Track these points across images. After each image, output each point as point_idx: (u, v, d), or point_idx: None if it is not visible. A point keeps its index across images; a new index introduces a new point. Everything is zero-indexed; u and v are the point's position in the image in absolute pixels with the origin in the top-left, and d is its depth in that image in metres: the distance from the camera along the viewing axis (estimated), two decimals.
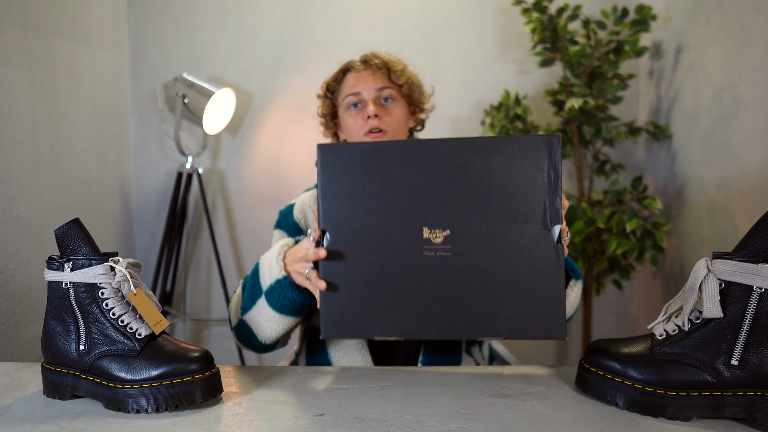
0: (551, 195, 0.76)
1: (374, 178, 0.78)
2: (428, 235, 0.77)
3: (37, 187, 1.56)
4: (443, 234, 0.77)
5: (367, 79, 1.18)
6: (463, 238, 0.77)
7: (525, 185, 0.76)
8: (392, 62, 1.20)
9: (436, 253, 0.77)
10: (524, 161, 0.76)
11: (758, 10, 1.39)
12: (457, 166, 0.76)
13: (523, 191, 0.76)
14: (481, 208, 0.76)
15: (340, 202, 0.78)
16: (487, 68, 2.11)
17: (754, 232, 0.67)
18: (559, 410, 0.72)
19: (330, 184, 0.78)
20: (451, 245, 0.77)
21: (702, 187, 1.67)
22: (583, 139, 1.91)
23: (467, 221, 0.77)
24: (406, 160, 0.77)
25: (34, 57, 1.55)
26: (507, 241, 0.76)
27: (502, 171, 0.76)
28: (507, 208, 0.76)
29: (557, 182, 0.76)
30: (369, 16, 2.11)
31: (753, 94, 1.41)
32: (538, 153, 0.76)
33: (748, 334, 0.67)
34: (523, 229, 0.76)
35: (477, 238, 0.77)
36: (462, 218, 0.77)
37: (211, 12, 2.15)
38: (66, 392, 0.77)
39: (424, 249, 0.77)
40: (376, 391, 0.79)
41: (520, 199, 0.76)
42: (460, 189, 0.77)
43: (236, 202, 2.22)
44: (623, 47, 1.77)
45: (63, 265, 0.76)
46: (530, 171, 0.76)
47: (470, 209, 0.77)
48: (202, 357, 0.74)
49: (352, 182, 0.78)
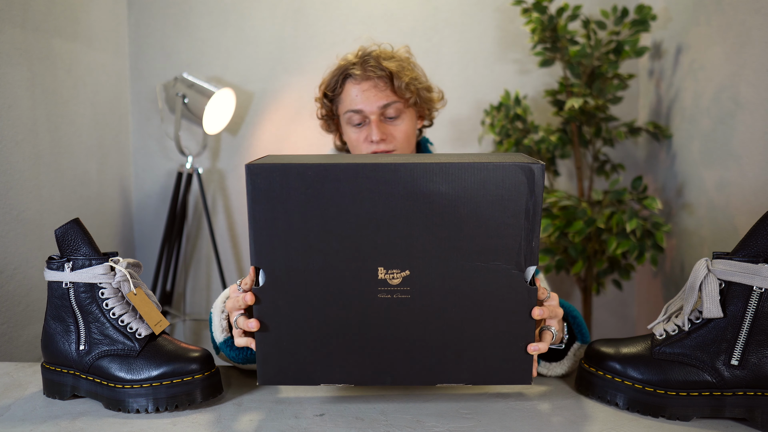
0: (528, 232, 0.66)
1: (319, 208, 0.65)
2: (384, 276, 0.67)
3: (37, 187, 1.56)
4: (401, 275, 0.66)
5: (368, 93, 1.07)
6: (424, 279, 0.67)
7: (499, 219, 0.65)
8: (397, 70, 1.07)
9: (393, 296, 0.67)
10: (500, 191, 0.64)
11: (758, 10, 1.39)
12: (421, 194, 0.64)
13: (497, 226, 0.65)
14: (447, 244, 0.66)
15: (277, 232, 0.66)
16: (487, 68, 2.11)
17: (754, 232, 0.67)
18: (559, 410, 0.72)
19: (264, 216, 0.65)
20: (410, 287, 0.67)
21: (702, 187, 1.67)
22: (583, 139, 1.91)
23: (430, 260, 0.66)
24: (358, 187, 0.64)
25: (34, 57, 1.55)
26: (474, 281, 0.67)
27: (472, 202, 0.65)
28: (476, 244, 0.66)
29: (536, 219, 0.65)
30: (369, 16, 2.11)
31: (753, 94, 1.41)
32: (517, 182, 0.64)
33: (748, 334, 0.67)
34: (494, 268, 0.67)
35: (440, 278, 0.67)
36: (424, 256, 0.66)
37: (211, 12, 2.15)
38: (66, 392, 0.77)
39: (379, 291, 0.67)
40: (376, 391, 0.79)
41: (492, 234, 0.66)
42: (423, 222, 0.65)
43: (236, 202, 2.22)
44: (623, 47, 1.77)
45: (63, 265, 0.76)
46: (506, 202, 0.65)
47: (434, 245, 0.66)
48: (202, 357, 0.74)
49: (291, 215, 0.65)
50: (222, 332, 0.83)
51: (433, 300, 0.68)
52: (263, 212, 0.65)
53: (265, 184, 0.65)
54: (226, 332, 0.83)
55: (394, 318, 0.68)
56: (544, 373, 0.87)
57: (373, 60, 1.08)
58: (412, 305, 0.68)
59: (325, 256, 0.66)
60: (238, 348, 0.83)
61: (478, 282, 0.67)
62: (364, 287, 0.67)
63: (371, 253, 0.66)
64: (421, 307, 0.68)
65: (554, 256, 1.83)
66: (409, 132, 1.12)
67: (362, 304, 0.68)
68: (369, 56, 1.09)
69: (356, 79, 1.09)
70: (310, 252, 0.66)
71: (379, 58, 1.09)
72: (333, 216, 0.65)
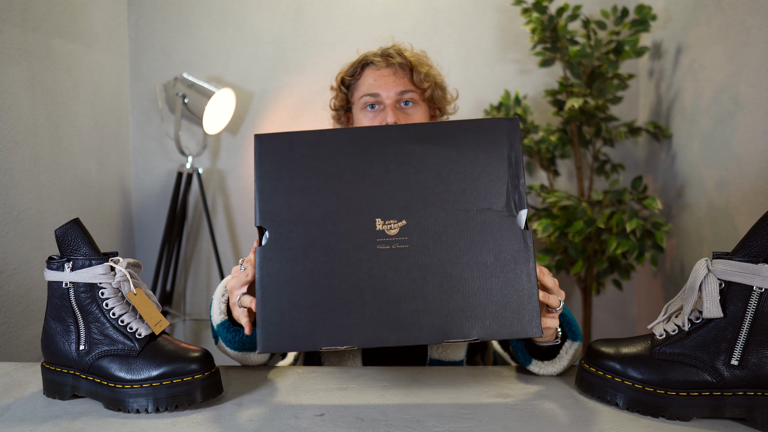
0: (514, 179, 0.71)
1: (319, 167, 0.71)
2: (382, 227, 0.70)
3: (37, 187, 1.56)
4: (398, 225, 0.70)
5: (387, 79, 1.09)
6: (421, 229, 0.70)
7: (484, 171, 0.71)
8: (416, 62, 1.10)
9: (392, 246, 0.70)
10: (482, 146, 0.71)
11: (758, 10, 1.39)
12: (411, 153, 0.71)
13: (483, 177, 0.71)
14: (439, 196, 0.70)
15: (280, 194, 0.71)
16: (487, 68, 2.11)
17: (754, 232, 0.67)
18: (559, 410, 0.72)
19: (269, 176, 0.71)
20: (408, 237, 0.70)
21: (702, 187, 1.67)
22: (583, 139, 1.91)
23: (425, 211, 0.70)
24: (354, 148, 0.71)
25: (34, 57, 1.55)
26: (469, 230, 0.70)
27: (459, 157, 0.71)
28: (467, 195, 0.70)
29: (518, 166, 0.71)
30: (369, 16, 2.11)
31: (753, 94, 1.41)
32: (497, 137, 0.71)
33: (748, 334, 0.67)
34: (486, 216, 0.70)
35: (436, 228, 0.70)
36: (419, 207, 0.70)
37: (211, 12, 2.15)
38: (66, 392, 0.77)
39: (378, 242, 0.70)
40: (376, 391, 0.79)
41: (480, 186, 0.71)
42: (414, 177, 0.70)
43: (236, 202, 2.22)
44: (623, 47, 1.77)
45: (63, 265, 0.76)
46: (489, 156, 0.71)
47: (427, 198, 0.70)
48: (202, 357, 0.74)
49: (294, 173, 0.71)
50: (220, 314, 0.87)
51: (431, 248, 0.70)
52: (268, 171, 0.71)
53: (272, 148, 0.71)
54: (224, 315, 0.86)
55: (394, 269, 0.69)
56: (536, 371, 0.87)
57: (394, 50, 1.11)
58: (411, 255, 0.70)
59: (325, 210, 0.71)
60: (234, 331, 0.86)
61: (473, 228, 0.70)
62: (363, 238, 0.70)
63: (368, 206, 0.70)
64: (420, 257, 0.70)
65: (554, 256, 1.83)
66: None
67: (362, 256, 0.70)
68: (390, 48, 1.12)
69: (376, 66, 1.11)
70: (311, 206, 0.71)
71: (400, 49, 1.12)
72: (332, 174, 0.71)
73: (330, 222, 0.70)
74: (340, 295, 0.69)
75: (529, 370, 0.88)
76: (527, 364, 0.88)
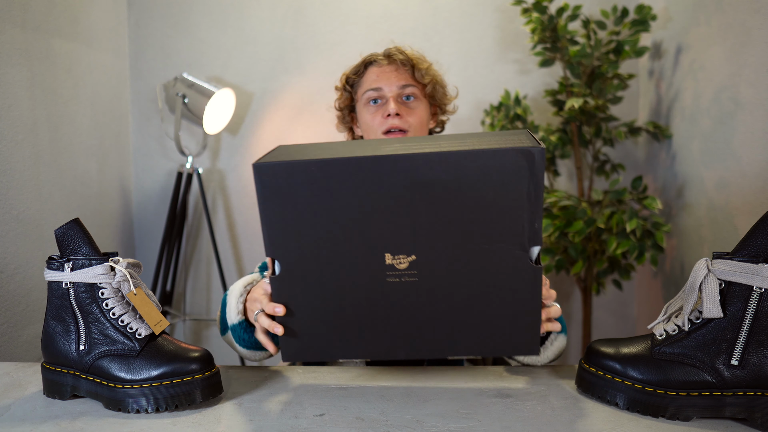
0: (531, 214, 0.66)
1: (324, 201, 0.67)
2: (391, 261, 0.69)
3: (37, 187, 1.56)
4: (408, 260, 0.69)
5: (390, 74, 1.13)
6: (430, 263, 0.69)
7: (501, 202, 0.66)
8: (417, 59, 1.15)
9: (401, 279, 0.70)
10: (501, 176, 0.65)
11: (758, 10, 1.39)
12: (422, 183, 0.66)
13: (499, 209, 0.66)
14: (451, 229, 0.67)
15: (288, 225, 0.69)
16: (487, 68, 2.11)
17: (754, 232, 0.67)
18: (559, 410, 0.72)
19: (273, 208, 0.68)
20: (417, 270, 0.69)
21: (702, 187, 1.67)
22: (583, 139, 1.91)
23: (435, 244, 0.68)
24: (361, 180, 0.66)
25: (34, 57, 1.55)
26: (480, 263, 0.69)
27: (474, 187, 0.65)
28: (480, 227, 0.67)
29: (539, 200, 0.65)
30: (369, 16, 2.11)
31: (753, 94, 1.41)
32: (518, 167, 0.64)
33: (748, 334, 0.67)
34: (498, 249, 0.68)
35: (446, 261, 0.69)
36: (429, 241, 0.68)
37: (211, 12, 2.15)
38: (66, 392, 0.77)
39: (388, 276, 0.70)
40: (376, 391, 0.79)
41: (495, 217, 0.67)
42: (425, 209, 0.66)
43: (236, 202, 2.22)
44: (623, 47, 1.77)
45: (63, 265, 0.76)
46: (507, 186, 0.65)
47: (438, 231, 0.67)
48: (202, 357, 0.74)
49: (300, 206, 0.68)
50: (237, 314, 0.91)
51: (440, 282, 0.70)
52: (273, 208, 0.69)
53: (273, 182, 0.68)
54: (242, 315, 0.90)
55: (403, 299, 0.71)
56: (520, 359, 0.95)
57: (395, 49, 1.16)
58: (420, 287, 0.70)
59: (334, 245, 0.70)
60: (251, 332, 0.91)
61: (483, 263, 0.69)
62: (373, 272, 0.70)
63: (377, 241, 0.69)
64: (429, 288, 0.71)
65: (554, 256, 1.83)
66: (423, 120, 1.16)
67: (372, 288, 0.71)
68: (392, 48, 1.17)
69: (379, 63, 1.16)
70: (320, 242, 0.70)
71: (402, 48, 1.17)
72: (338, 207, 0.68)
73: (340, 256, 0.70)
74: (352, 319, 0.73)
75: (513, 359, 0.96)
76: None
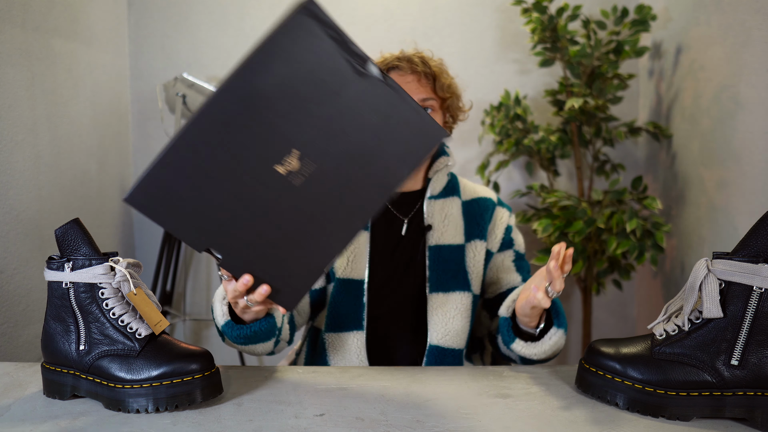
0: (344, 47, 0.69)
1: (198, 175, 0.71)
2: (284, 170, 0.72)
3: (37, 187, 1.56)
4: (296, 160, 0.72)
5: (411, 85, 1.12)
6: (313, 153, 0.72)
7: (319, 62, 0.69)
8: (439, 73, 1.15)
9: (305, 176, 0.73)
10: (301, 43, 0.69)
11: (758, 10, 1.39)
12: (256, 94, 0.69)
13: (322, 66, 0.69)
14: (306, 111, 0.71)
15: (190, 220, 0.72)
16: (487, 68, 2.11)
17: (754, 232, 0.67)
18: (559, 410, 0.72)
19: (167, 217, 0.72)
20: (306, 164, 0.72)
21: (702, 187, 1.67)
22: (583, 139, 1.91)
23: (305, 134, 0.72)
24: (218, 122, 0.70)
25: (34, 57, 1.55)
26: (342, 107, 0.71)
27: (290, 68, 0.69)
28: (321, 88, 0.70)
29: (342, 36, 0.69)
30: (369, 16, 2.11)
31: (753, 94, 1.41)
32: (308, 27, 0.68)
33: (748, 334, 0.67)
34: (347, 89, 0.71)
35: (317, 133, 0.72)
36: (303, 135, 0.72)
37: (211, 12, 2.15)
38: (66, 392, 0.77)
39: (292, 181, 0.73)
40: (376, 391, 0.79)
41: (324, 75, 0.70)
42: (281, 112, 0.71)
43: None
44: (623, 47, 1.77)
45: (63, 265, 0.76)
46: (312, 47, 0.69)
47: (303, 121, 0.71)
48: (202, 357, 0.74)
49: (184, 196, 0.71)
50: (223, 316, 0.93)
51: (326, 151, 0.73)
52: (167, 217, 0.72)
53: (148, 200, 0.70)
54: (227, 316, 0.92)
55: (315, 192, 0.73)
56: (518, 350, 0.95)
57: (419, 59, 1.14)
58: (318, 175, 0.73)
59: (233, 202, 0.72)
60: (239, 328, 0.91)
61: (345, 105, 0.71)
62: (278, 188, 0.72)
63: (261, 166, 0.71)
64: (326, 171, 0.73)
65: None
66: None
67: (285, 197, 0.73)
68: (414, 55, 1.15)
69: (402, 70, 1.13)
70: (224, 207, 0.72)
71: (425, 58, 1.15)
72: (214, 168, 0.71)
73: (246, 202, 0.72)
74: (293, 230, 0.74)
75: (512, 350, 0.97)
76: (510, 342, 0.96)
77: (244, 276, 0.76)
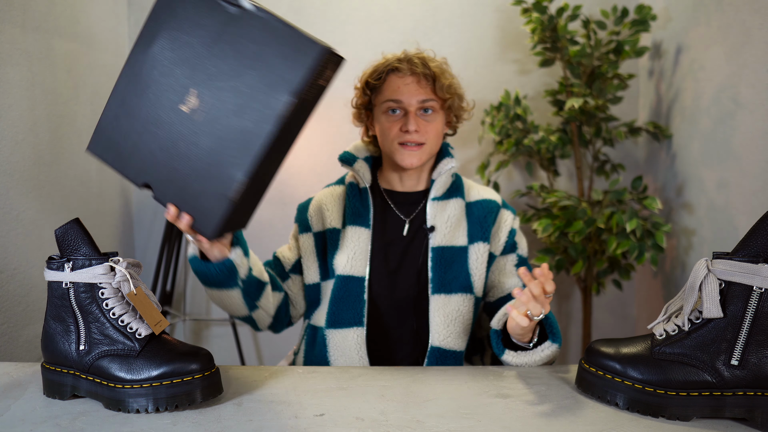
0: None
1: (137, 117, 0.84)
2: (187, 109, 0.82)
3: (37, 187, 1.56)
4: (194, 99, 0.81)
5: (410, 87, 1.12)
6: (202, 83, 0.81)
7: (198, 12, 0.80)
8: (440, 73, 1.14)
9: (205, 114, 0.81)
10: (179, 3, 0.81)
11: (758, 10, 1.39)
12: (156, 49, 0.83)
13: (201, 14, 0.80)
14: (197, 54, 0.81)
15: (134, 159, 0.85)
16: (487, 68, 2.11)
17: (754, 232, 0.67)
18: (559, 410, 0.72)
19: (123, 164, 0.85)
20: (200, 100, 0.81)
21: (702, 187, 1.67)
22: (583, 139, 1.91)
23: (198, 75, 0.81)
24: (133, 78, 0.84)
25: (34, 57, 1.55)
26: (224, 45, 0.79)
27: (177, 23, 0.81)
28: (204, 32, 0.80)
29: None
30: (369, 16, 2.12)
31: (753, 94, 1.41)
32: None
33: (748, 334, 0.67)
34: (227, 27, 0.79)
35: (208, 71, 0.80)
36: (194, 75, 0.81)
37: None
38: (66, 392, 0.77)
39: (194, 116, 0.82)
40: (376, 391, 0.79)
41: (204, 21, 0.80)
42: (171, 63, 0.82)
43: None
44: (623, 47, 1.77)
45: (63, 265, 0.76)
46: (188, 3, 0.81)
47: (194, 65, 0.81)
48: (202, 357, 0.74)
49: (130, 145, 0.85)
50: (191, 252, 1.00)
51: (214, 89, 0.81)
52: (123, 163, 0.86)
53: (106, 150, 0.86)
54: (195, 252, 0.99)
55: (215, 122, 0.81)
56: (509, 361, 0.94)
57: (419, 60, 1.14)
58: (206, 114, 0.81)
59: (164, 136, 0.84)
60: (201, 264, 0.97)
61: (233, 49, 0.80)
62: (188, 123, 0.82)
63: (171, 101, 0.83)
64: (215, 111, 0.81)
65: (554, 256, 1.83)
66: (439, 131, 1.15)
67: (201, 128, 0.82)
68: (414, 56, 1.15)
69: (401, 72, 1.14)
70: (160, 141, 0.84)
71: (425, 59, 1.15)
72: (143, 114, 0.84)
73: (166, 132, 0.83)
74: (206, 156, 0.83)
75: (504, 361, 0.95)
76: (500, 354, 0.95)
77: (169, 207, 0.84)
